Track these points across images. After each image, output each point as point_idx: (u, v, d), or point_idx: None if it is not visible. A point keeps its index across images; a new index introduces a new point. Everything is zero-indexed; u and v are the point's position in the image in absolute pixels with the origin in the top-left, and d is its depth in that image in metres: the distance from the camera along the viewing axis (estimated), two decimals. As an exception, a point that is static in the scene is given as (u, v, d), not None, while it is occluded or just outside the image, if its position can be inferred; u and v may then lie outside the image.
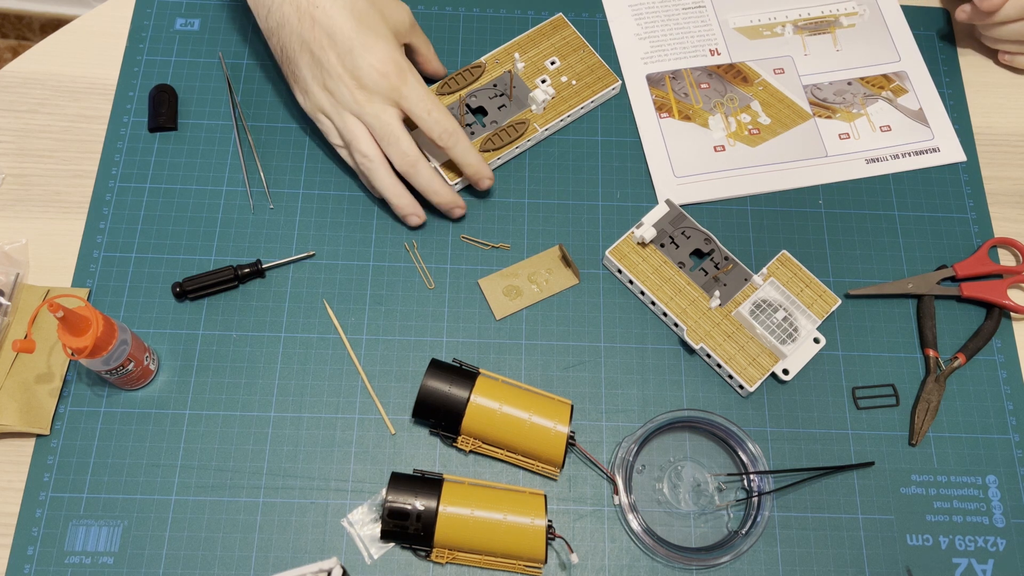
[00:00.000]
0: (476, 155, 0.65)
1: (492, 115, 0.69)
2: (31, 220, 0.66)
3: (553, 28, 0.73)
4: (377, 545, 0.57)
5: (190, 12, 0.74)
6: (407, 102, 0.62)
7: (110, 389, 0.61)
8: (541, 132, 0.69)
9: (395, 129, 0.62)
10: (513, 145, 0.68)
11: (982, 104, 0.74)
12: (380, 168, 0.63)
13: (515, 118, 0.69)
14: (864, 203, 0.69)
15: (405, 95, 0.62)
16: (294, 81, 0.65)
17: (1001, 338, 0.65)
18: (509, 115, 0.69)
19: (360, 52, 0.61)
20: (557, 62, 0.72)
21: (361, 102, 0.62)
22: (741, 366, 0.62)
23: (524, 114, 0.69)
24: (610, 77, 0.71)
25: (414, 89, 0.62)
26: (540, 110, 0.69)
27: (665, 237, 0.66)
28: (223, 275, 0.63)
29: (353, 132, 0.63)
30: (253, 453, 0.60)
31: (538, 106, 0.69)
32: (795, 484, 0.60)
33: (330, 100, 0.63)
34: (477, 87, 0.70)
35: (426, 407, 0.58)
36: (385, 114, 0.62)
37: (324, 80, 0.62)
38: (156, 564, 0.56)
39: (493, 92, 0.70)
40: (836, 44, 0.76)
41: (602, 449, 0.61)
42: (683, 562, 0.57)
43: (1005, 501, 0.60)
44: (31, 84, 0.70)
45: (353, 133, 0.63)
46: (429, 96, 0.63)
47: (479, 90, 0.70)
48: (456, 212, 0.66)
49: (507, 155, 0.69)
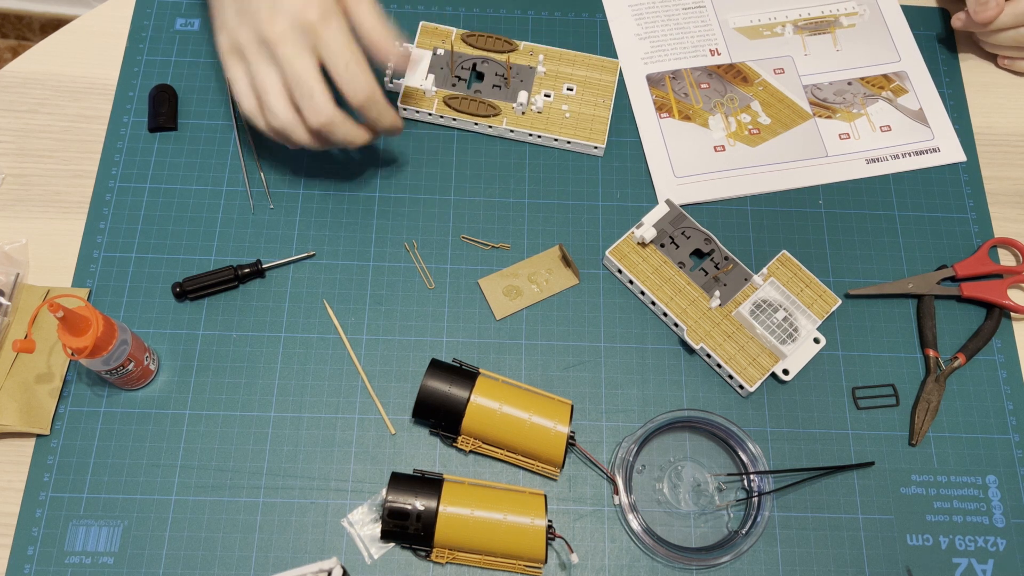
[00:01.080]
0: (390, 115, 0.60)
1: (484, 85, 0.70)
2: (31, 220, 0.66)
3: (603, 67, 0.72)
4: (377, 545, 0.57)
5: (190, 12, 0.74)
6: (325, 49, 0.56)
7: (110, 389, 0.61)
8: (502, 128, 0.69)
9: (306, 78, 0.56)
10: (470, 117, 0.69)
11: (982, 104, 0.74)
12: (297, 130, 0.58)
13: (494, 101, 0.70)
14: (864, 203, 0.69)
15: (325, 41, 0.56)
16: (216, 15, 0.59)
17: (1001, 338, 0.65)
18: (494, 96, 0.70)
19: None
20: (574, 91, 0.71)
21: (274, 40, 0.55)
22: (741, 366, 0.62)
23: (505, 104, 0.70)
24: (599, 137, 0.69)
25: (335, 36, 0.56)
26: (518, 111, 0.69)
27: (665, 237, 0.66)
28: (223, 275, 0.63)
29: (264, 83, 0.57)
30: (253, 453, 0.60)
31: (517, 107, 0.69)
32: (795, 484, 0.60)
33: (246, 34, 0.56)
34: (495, 58, 0.71)
35: (426, 407, 0.58)
36: (300, 58, 0.56)
37: (241, 14, 0.57)
38: (156, 564, 0.56)
39: (500, 70, 0.71)
40: (836, 44, 0.76)
41: (602, 449, 0.61)
42: (683, 562, 0.57)
43: (1005, 501, 0.60)
44: (31, 84, 0.70)
45: (264, 84, 0.57)
46: (350, 47, 0.56)
47: (491, 61, 0.71)
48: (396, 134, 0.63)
49: (463, 123, 0.70)
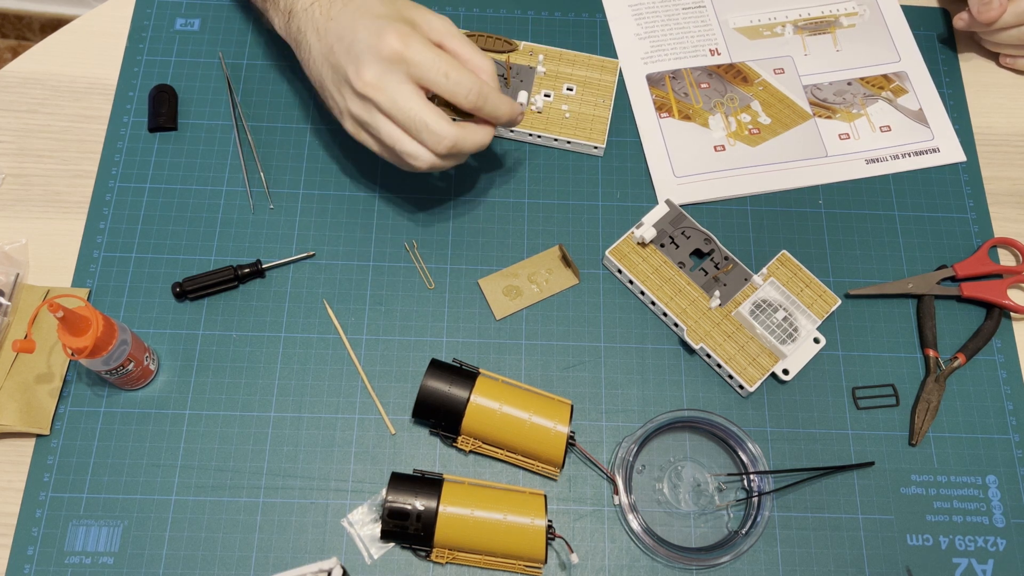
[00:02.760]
0: (506, 103, 0.59)
1: None
2: (31, 220, 0.66)
3: (603, 67, 0.72)
4: (377, 545, 0.57)
5: (190, 12, 0.74)
6: (417, 70, 0.56)
7: (110, 389, 0.61)
8: (502, 128, 0.69)
9: (415, 114, 0.56)
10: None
11: (982, 104, 0.74)
12: (439, 163, 0.58)
13: None
14: (864, 203, 0.69)
15: (412, 63, 0.55)
16: (332, 105, 0.61)
17: (1001, 338, 0.65)
18: None
19: (358, 37, 0.56)
20: (574, 91, 0.71)
21: (371, 92, 0.56)
22: (741, 366, 0.62)
23: None
24: (599, 137, 0.69)
25: (420, 53, 0.55)
26: None
27: (665, 237, 0.66)
28: (223, 275, 0.63)
29: (387, 138, 0.57)
30: (253, 453, 0.60)
31: None
32: (795, 484, 0.60)
33: (357, 105, 0.57)
34: (495, 58, 0.71)
35: (426, 407, 0.58)
36: (400, 96, 0.56)
37: (341, 87, 0.58)
38: (156, 564, 0.56)
39: (500, 70, 0.71)
40: (836, 44, 0.76)
41: (602, 449, 0.61)
42: (683, 562, 0.57)
43: (1005, 501, 0.60)
44: (31, 84, 0.70)
45: (387, 139, 0.57)
46: (440, 58, 0.56)
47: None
48: (517, 120, 0.61)
49: None
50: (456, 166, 0.63)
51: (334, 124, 0.70)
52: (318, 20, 0.59)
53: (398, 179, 0.69)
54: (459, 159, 0.61)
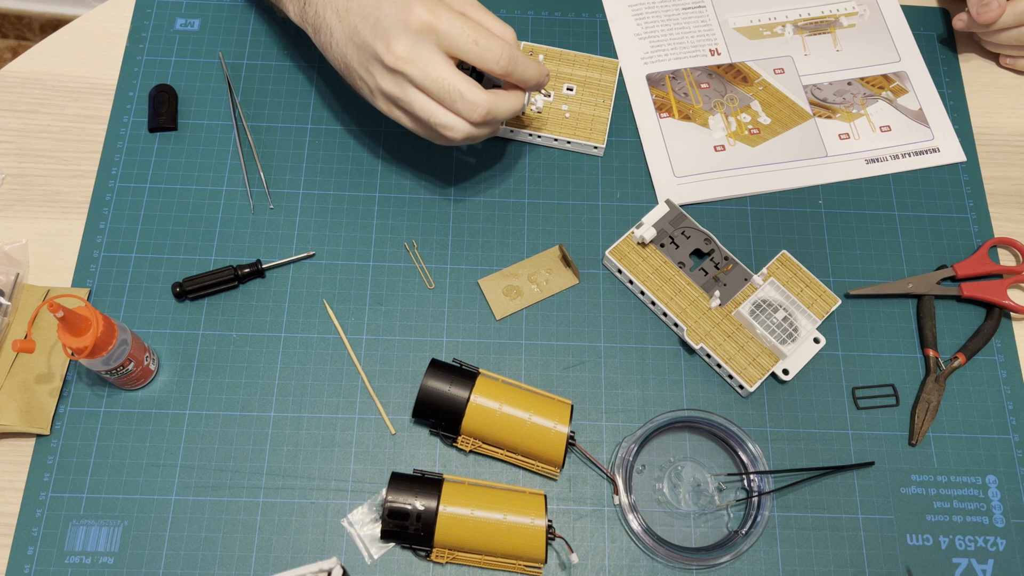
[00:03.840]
0: (534, 67, 0.59)
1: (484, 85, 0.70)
2: (31, 220, 0.66)
3: (603, 67, 0.72)
4: (377, 545, 0.57)
5: (190, 12, 0.74)
6: (447, 39, 0.56)
7: (110, 389, 0.61)
8: (502, 128, 0.69)
9: (449, 83, 0.56)
10: None
11: (982, 104, 0.74)
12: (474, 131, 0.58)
13: None
14: (864, 203, 0.69)
15: (443, 33, 0.55)
16: (361, 86, 0.60)
17: (1001, 338, 0.65)
18: None
19: (383, 12, 0.56)
20: (574, 91, 0.71)
21: (403, 65, 0.56)
22: (741, 366, 0.62)
23: None
24: (599, 137, 0.69)
25: (449, 22, 0.55)
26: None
27: (665, 237, 0.66)
28: (223, 275, 0.63)
29: (421, 111, 0.57)
30: (253, 453, 0.60)
31: None
32: (795, 484, 0.60)
33: (388, 81, 0.57)
34: None
35: (426, 407, 0.58)
36: (433, 67, 0.56)
37: (369, 65, 0.57)
38: (156, 564, 0.56)
39: None
40: (836, 44, 0.76)
41: (602, 449, 0.61)
42: (683, 562, 0.57)
43: (1005, 501, 0.60)
44: (31, 84, 0.70)
45: (421, 112, 0.57)
46: (469, 26, 0.56)
47: None
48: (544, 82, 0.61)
49: None
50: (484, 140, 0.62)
51: (334, 124, 0.70)
52: (337, 1, 0.59)
53: (398, 179, 0.69)
54: (492, 129, 0.61)
